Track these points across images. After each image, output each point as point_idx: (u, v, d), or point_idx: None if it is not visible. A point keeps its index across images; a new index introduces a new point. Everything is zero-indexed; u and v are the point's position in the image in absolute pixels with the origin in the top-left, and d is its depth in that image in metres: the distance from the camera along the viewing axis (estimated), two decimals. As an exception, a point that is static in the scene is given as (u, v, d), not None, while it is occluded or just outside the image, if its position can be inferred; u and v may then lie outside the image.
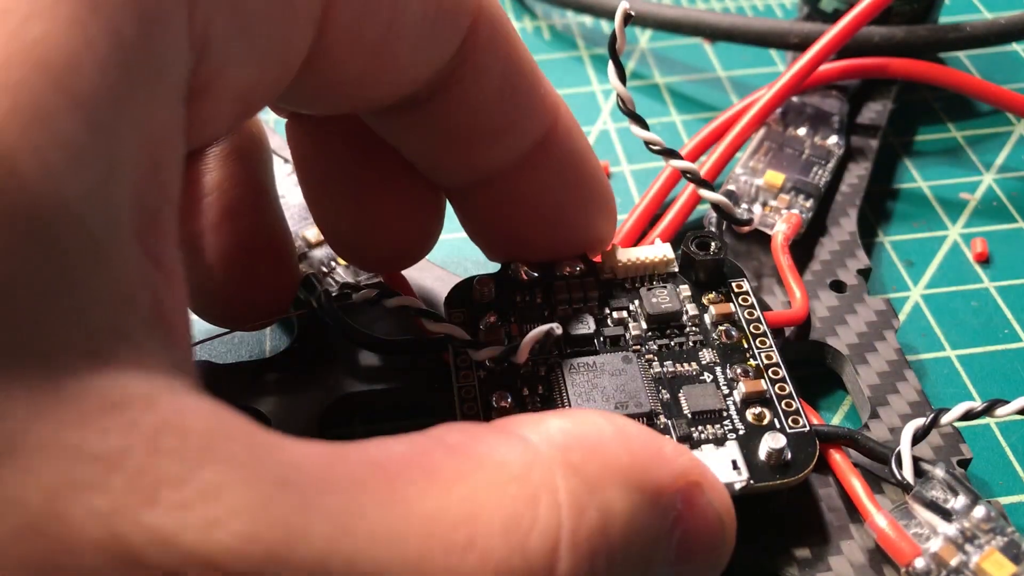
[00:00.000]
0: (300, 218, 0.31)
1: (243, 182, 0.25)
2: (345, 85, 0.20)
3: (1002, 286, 0.32)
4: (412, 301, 0.26)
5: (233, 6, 0.15)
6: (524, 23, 0.45)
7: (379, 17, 0.19)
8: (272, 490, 0.12)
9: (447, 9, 0.20)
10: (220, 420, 0.13)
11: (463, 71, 0.22)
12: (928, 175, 0.37)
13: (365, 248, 0.26)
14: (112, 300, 0.12)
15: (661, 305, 0.26)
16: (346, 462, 0.14)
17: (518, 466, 0.15)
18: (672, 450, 0.17)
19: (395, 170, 0.24)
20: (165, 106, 0.14)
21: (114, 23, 0.13)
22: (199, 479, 0.12)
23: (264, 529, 0.12)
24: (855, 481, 0.24)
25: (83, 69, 0.12)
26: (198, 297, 0.25)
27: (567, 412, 0.17)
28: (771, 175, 0.32)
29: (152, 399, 0.12)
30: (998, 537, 0.22)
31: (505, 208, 0.25)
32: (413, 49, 0.20)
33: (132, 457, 0.11)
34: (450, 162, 0.24)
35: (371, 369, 0.27)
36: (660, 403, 0.24)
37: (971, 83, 0.36)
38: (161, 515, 0.11)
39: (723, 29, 0.38)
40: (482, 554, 0.14)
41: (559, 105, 0.24)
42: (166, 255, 0.14)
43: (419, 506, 0.14)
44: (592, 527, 0.15)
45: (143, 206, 0.14)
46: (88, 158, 0.12)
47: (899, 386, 0.27)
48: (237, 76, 0.16)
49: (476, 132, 0.23)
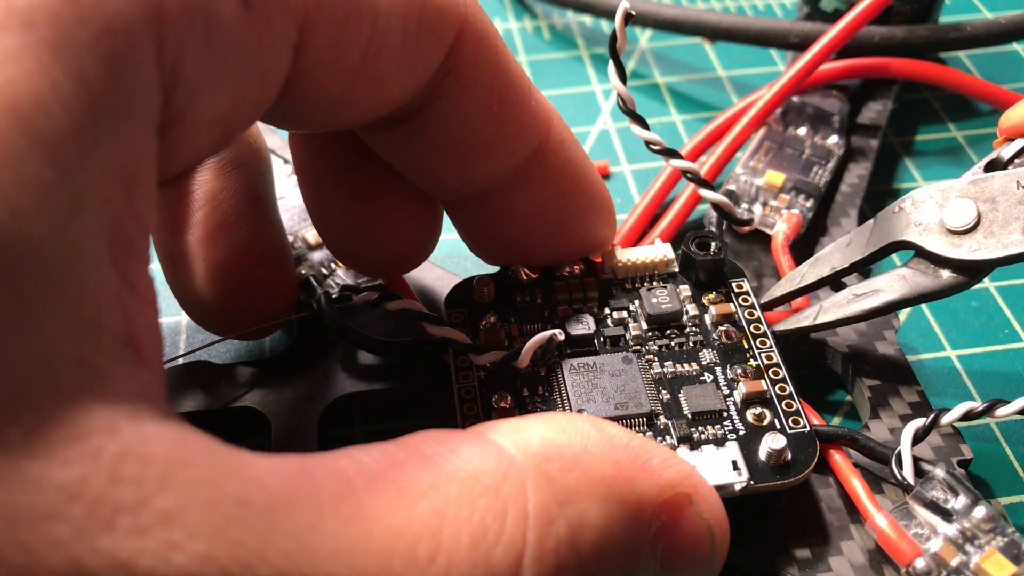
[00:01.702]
0: (299, 219, 0.31)
1: (240, 192, 0.25)
2: (328, 105, 0.20)
3: (1002, 286, 0.32)
4: (413, 304, 0.26)
5: (206, 33, 0.16)
6: (524, 23, 0.45)
7: (358, 38, 0.19)
8: (233, 510, 0.13)
9: (429, 27, 0.20)
10: (183, 444, 0.13)
11: (449, 85, 0.21)
12: (928, 175, 0.37)
13: (364, 254, 0.26)
14: (76, 333, 0.13)
15: (661, 305, 0.26)
16: (311, 478, 0.14)
17: (490, 478, 0.15)
18: (661, 461, 0.17)
19: (393, 178, 0.24)
20: (136, 138, 0.15)
21: (78, 65, 0.13)
22: (158, 504, 0.12)
23: (222, 550, 0.12)
24: (855, 481, 0.24)
25: (48, 111, 0.13)
26: (198, 307, 0.26)
27: (553, 417, 0.17)
28: (771, 175, 0.32)
29: (114, 428, 0.13)
30: (998, 537, 0.22)
31: (502, 219, 0.25)
32: (395, 67, 0.20)
33: (92, 486, 0.12)
34: (441, 175, 0.24)
35: (371, 369, 0.27)
36: (660, 403, 0.24)
37: (971, 83, 0.36)
38: (117, 541, 0.12)
39: (723, 29, 0.38)
40: (445, 569, 0.14)
41: (552, 116, 0.24)
42: (140, 280, 0.15)
43: (383, 521, 0.14)
44: (560, 539, 0.15)
45: (117, 235, 0.14)
46: (54, 197, 0.13)
47: (899, 386, 0.27)
48: (213, 102, 0.17)
49: (465, 145, 0.23)
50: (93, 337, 0.13)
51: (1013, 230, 0.24)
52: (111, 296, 0.14)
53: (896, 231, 0.26)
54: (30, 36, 0.13)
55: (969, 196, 0.25)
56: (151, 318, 0.15)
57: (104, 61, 0.14)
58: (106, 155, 0.14)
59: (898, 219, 0.26)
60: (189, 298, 0.25)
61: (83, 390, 0.13)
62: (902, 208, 0.26)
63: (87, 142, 0.13)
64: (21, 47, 0.13)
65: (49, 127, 0.13)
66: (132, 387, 0.13)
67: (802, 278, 0.27)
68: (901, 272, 0.26)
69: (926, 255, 0.25)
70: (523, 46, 0.44)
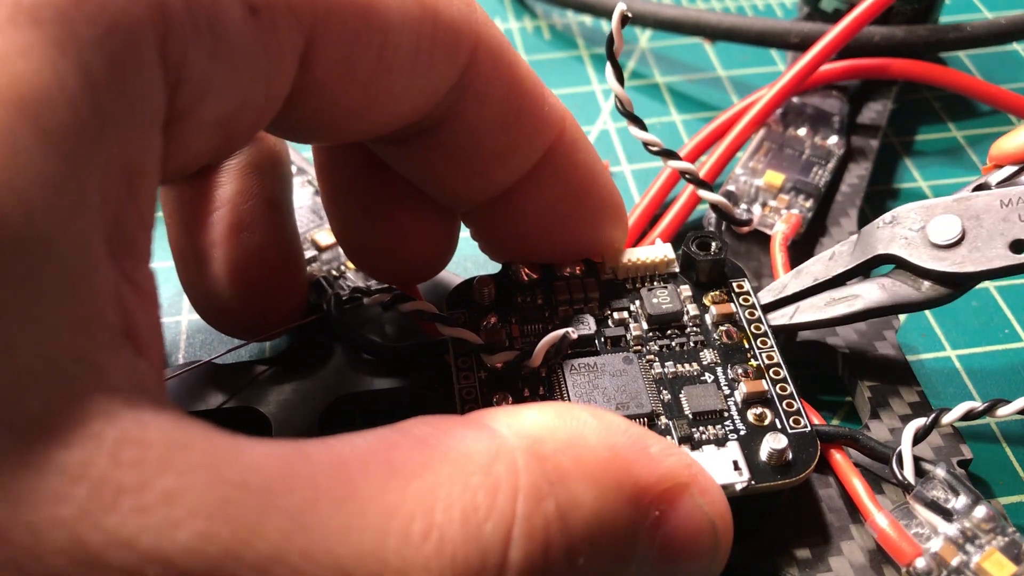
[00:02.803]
0: (309, 221, 0.31)
1: (258, 196, 0.25)
2: (340, 118, 0.20)
3: (1002, 286, 0.32)
4: (425, 306, 0.26)
5: (210, 37, 0.16)
6: (524, 23, 0.45)
7: (368, 52, 0.19)
8: (230, 492, 0.13)
9: (441, 45, 0.20)
10: (181, 430, 0.13)
11: (464, 102, 0.22)
12: (928, 175, 0.37)
13: (383, 264, 0.26)
14: (79, 323, 0.13)
15: (662, 305, 0.26)
16: (307, 461, 0.14)
17: (483, 457, 0.15)
18: (660, 450, 0.17)
19: (412, 189, 0.25)
20: (140, 136, 0.15)
21: (84, 62, 0.14)
22: (159, 485, 0.13)
23: (221, 528, 0.13)
24: (856, 481, 0.24)
25: (55, 106, 0.13)
26: (211, 308, 0.26)
27: (551, 405, 0.17)
28: (771, 175, 0.32)
29: (115, 415, 0.13)
30: (998, 537, 0.22)
31: (513, 219, 0.25)
32: (406, 84, 0.20)
33: (95, 469, 0.12)
34: (456, 186, 0.24)
35: (372, 369, 0.27)
36: (661, 403, 0.24)
37: (971, 83, 0.36)
38: (121, 519, 0.12)
39: (723, 29, 0.38)
40: (439, 544, 0.14)
41: (565, 117, 0.24)
42: (140, 275, 0.15)
43: (377, 500, 0.14)
44: (549, 516, 0.15)
45: (119, 230, 0.14)
46: (60, 190, 0.13)
47: (899, 386, 0.27)
48: (216, 105, 0.17)
49: (480, 158, 0.23)
50: (91, 329, 0.13)
51: (997, 245, 0.24)
52: (110, 289, 0.14)
53: (880, 244, 0.26)
54: (38, 33, 0.13)
55: (954, 212, 0.25)
56: (151, 312, 0.15)
57: (109, 59, 0.14)
58: (110, 151, 0.14)
59: (882, 233, 0.26)
60: (202, 300, 0.26)
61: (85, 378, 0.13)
62: (886, 223, 0.26)
63: (92, 138, 0.14)
64: (30, 43, 0.13)
65: (56, 122, 0.13)
66: (130, 377, 0.14)
67: (783, 288, 0.27)
68: (882, 281, 0.26)
69: (909, 267, 0.26)
70: (523, 46, 0.44)
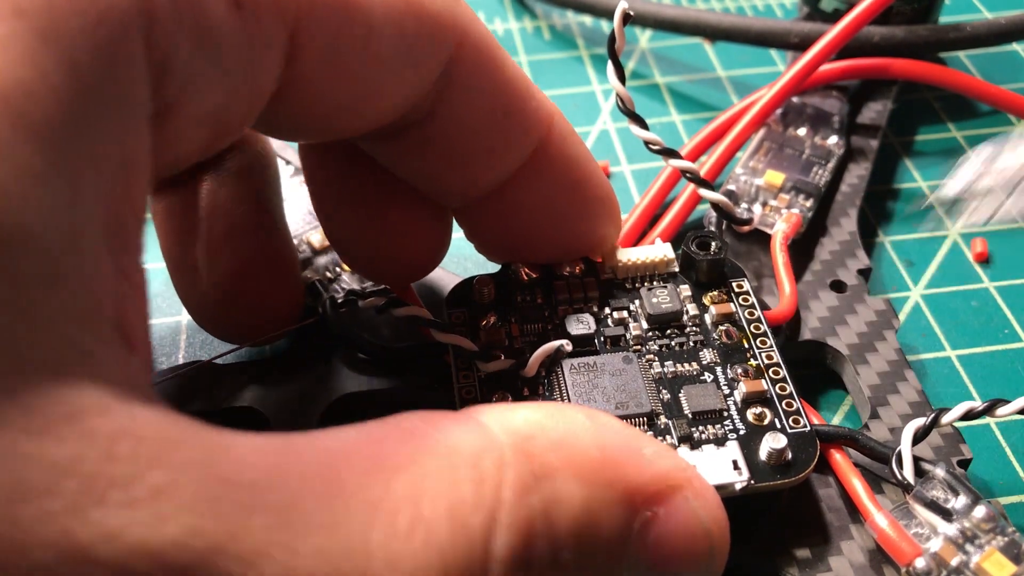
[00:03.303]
0: (304, 223, 0.31)
1: (248, 200, 0.25)
2: (327, 114, 0.20)
3: (1002, 286, 0.32)
4: (420, 311, 0.26)
5: (195, 30, 0.16)
6: (524, 23, 0.45)
7: (352, 46, 0.19)
8: (219, 488, 0.13)
9: (425, 37, 0.20)
10: (171, 425, 0.13)
11: (449, 95, 0.22)
12: (928, 175, 0.37)
13: (375, 263, 0.26)
14: (71, 316, 0.13)
15: (661, 305, 0.26)
16: (294, 455, 0.14)
17: (470, 451, 0.15)
18: (654, 452, 0.17)
19: (403, 188, 0.25)
20: (128, 128, 0.15)
21: (68, 54, 0.13)
22: (148, 480, 0.12)
23: (208, 522, 0.13)
24: (855, 481, 0.24)
25: (39, 99, 0.13)
26: (207, 315, 0.26)
27: (545, 404, 0.17)
28: (771, 175, 0.32)
29: (107, 408, 0.13)
30: (998, 537, 0.22)
31: (505, 217, 0.25)
32: (392, 77, 0.20)
33: (86, 463, 0.12)
34: (445, 182, 0.24)
35: (371, 369, 0.27)
36: (660, 403, 0.24)
37: (971, 83, 0.36)
38: (109, 513, 0.12)
39: (723, 29, 0.38)
40: (425, 537, 0.14)
41: (553, 113, 0.24)
42: (132, 268, 0.15)
43: (363, 494, 0.14)
44: (533, 510, 0.15)
45: (112, 223, 0.14)
46: (46, 184, 0.13)
47: (899, 386, 0.27)
48: (203, 99, 0.17)
49: (468, 152, 0.23)
50: (87, 323, 0.13)
51: None
52: (106, 283, 0.14)
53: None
54: (19, 24, 0.13)
55: None
56: (141, 307, 0.15)
57: (96, 51, 0.14)
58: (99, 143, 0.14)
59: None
60: (198, 307, 0.26)
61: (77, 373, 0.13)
62: None
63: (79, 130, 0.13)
64: (9, 35, 0.13)
65: (38, 114, 0.13)
66: (122, 372, 0.14)
67: None
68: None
69: None
70: (523, 46, 0.44)
